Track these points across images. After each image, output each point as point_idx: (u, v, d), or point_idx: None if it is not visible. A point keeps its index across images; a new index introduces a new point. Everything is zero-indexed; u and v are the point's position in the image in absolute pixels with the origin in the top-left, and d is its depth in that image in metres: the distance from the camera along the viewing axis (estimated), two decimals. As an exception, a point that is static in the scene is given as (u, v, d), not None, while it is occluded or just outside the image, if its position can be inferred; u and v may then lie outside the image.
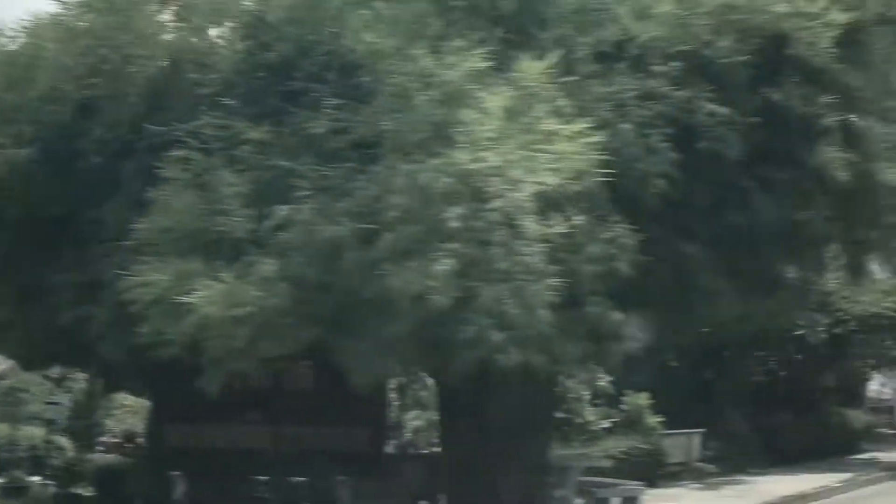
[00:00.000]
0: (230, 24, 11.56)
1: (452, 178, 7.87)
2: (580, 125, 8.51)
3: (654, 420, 19.23)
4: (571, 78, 9.62)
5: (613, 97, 10.36)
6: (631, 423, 19.35)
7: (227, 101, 10.26)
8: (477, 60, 8.66)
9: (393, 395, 20.22)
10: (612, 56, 10.79)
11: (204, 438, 14.36)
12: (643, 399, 19.34)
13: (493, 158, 7.89)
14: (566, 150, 8.08)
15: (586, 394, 20.13)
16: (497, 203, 7.90)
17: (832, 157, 10.75)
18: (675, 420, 21.02)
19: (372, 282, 8.14)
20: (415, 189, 7.99)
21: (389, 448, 19.65)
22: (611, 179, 9.94)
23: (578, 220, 9.64)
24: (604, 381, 19.90)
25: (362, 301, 8.36)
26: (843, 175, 10.73)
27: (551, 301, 8.35)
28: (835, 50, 11.09)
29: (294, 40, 10.67)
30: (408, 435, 20.36)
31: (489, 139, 7.96)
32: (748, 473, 20.82)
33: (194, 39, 11.57)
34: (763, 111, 11.04)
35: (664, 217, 11.08)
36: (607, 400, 20.12)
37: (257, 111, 10.28)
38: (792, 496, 18.05)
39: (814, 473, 20.89)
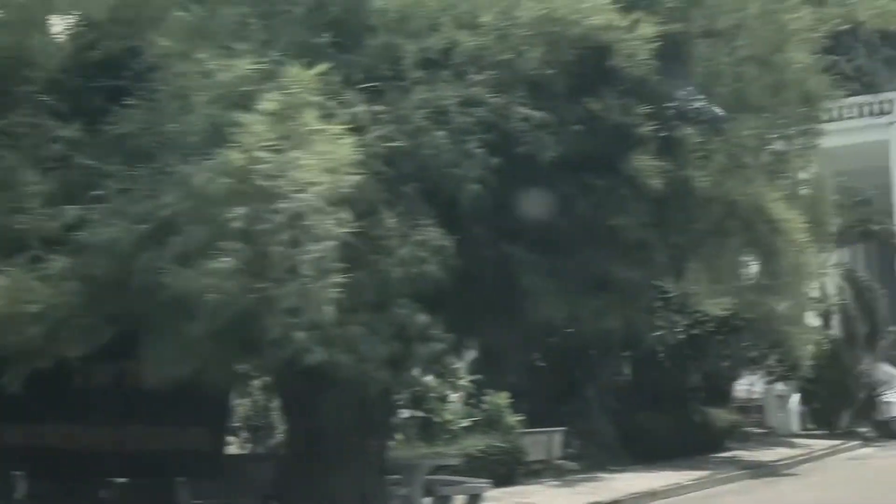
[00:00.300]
0: (61, 22, 11.54)
1: (230, 178, 8.02)
2: (341, 126, 8.71)
3: (513, 419, 19.59)
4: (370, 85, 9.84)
5: (433, 104, 10.65)
6: (491, 423, 19.67)
7: (45, 98, 10.22)
8: (254, 62, 8.79)
9: (261, 396, 20.36)
10: (437, 63, 11.08)
11: (44, 438, 14.21)
12: (503, 398, 19.69)
13: (269, 159, 8.06)
14: (334, 150, 8.27)
15: (453, 394, 20.55)
16: (282, 203, 8.06)
17: (647, 165, 11.17)
18: (543, 419, 21.51)
19: (165, 282, 8.24)
20: (193, 190, 8.14)
21: (260, 449, 19.82)
22: (424, 183, 10.31)
23: (391, 221, 9.94)
24: (465, 380, 20.35)
25: (160, 301, 8.46)
26: (657, 182, 11.16)
27: (338, 299, 8.52)
28: (655, 61, 11.56)
29: (120, 39, 10.73)
30: (280, 435, 20.45)
31: (266, 140, 8.12)
32: (608, 471, 21.27)
33: (24, 37, 11.48)
34: (584, 120, 11.46)
35: (489, 220, 11.45)
36: (474, 400, 20.53)
37: (77, 109, 10.30)
38: (643, 493, 18.52)
39: (673, 471, 21.39)
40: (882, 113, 42.81)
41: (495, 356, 24.12)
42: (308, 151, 8.01)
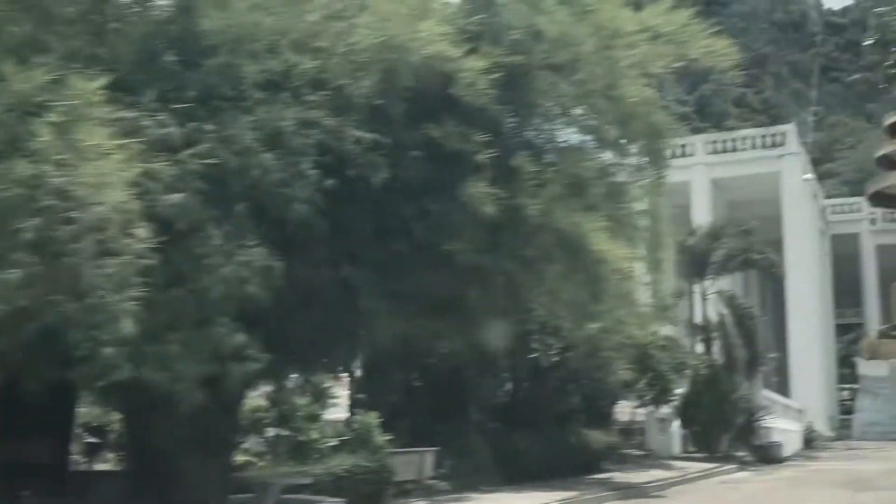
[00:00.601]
0: None
1: (19, 188, 8.05)
2: (125, 141, 8.80)
3: (382, 438, 19.65)
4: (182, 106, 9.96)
5: (271, 125, 10.80)
6: (362, 442, 19.72)
7: None
8: (50, 74, 8.81)
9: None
10: (277, 85, 11.25)
11: None
12: (372, 417, 19.75)
13: (56, 172, 8.11)
14: (119, 166, 8.37)
15: (322, 413, 20.63)
16: (81, 215, 8.11)
17: (482, 192, 11.46)
18: (421, 438, 21.66)
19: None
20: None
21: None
22: (254, 203, 10.45)
23: (216, 240, 10.04)
24: (338, 399, 20.47)
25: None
26: (490, 209, 11.46)
27: (154, 317, 8.60)
28: (498, 91, 11.93)
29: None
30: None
31: (54, 152, 8.18)
32: (480, 491, 21.41)
33: None
34: (424, 146, 11.74)
35: (329, 242, 11.62)
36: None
37: None
38: (504, 513, 18.75)
39: (542, 491, 21.59)
40: (774, 145, 44.32)
41: (378, 375, 24.42)
42: (93, 166, 8.06)
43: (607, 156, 13.75)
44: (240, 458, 18.95)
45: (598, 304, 12.23)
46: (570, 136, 13.49)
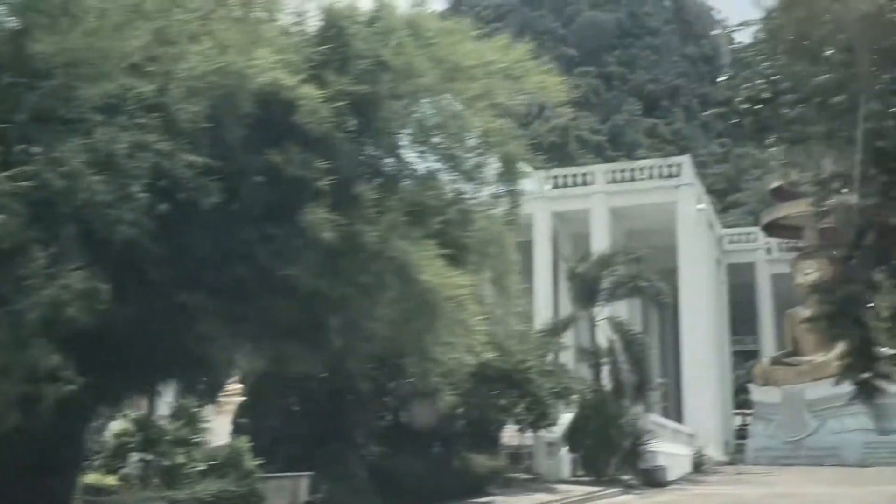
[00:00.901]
0: None
1: None
2: None
3: (252, 463, 19.59)
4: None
5: (108, 147, 10.81)
6: (233, 467, 19.62)
7: None
8: None
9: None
10: (115, 108, 11.27)
11: None
12: (243, 442, 19.70)
13: None
14: None
15: (195, 438, 20.47)
16: None
17: (320, 218, 11.61)
18: (299, 463, 21.63)
19: None
20: None
21: None
22: (82, 225, 10.45)
23: (38, 262, 10.00)
24: (210, 423, 20.38)
25: None
26: (329, 235, 11.61)
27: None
28: (346, 119, 12.14)
29: None
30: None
31: None
32: (356, 515, 21.50)
33: None
34: (265, 171, 11.85)
35: (167, 266, 11.63)
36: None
37: None
38: (375, 536, 18.81)
39: (420, 515, 21.77)
40: (671, 176, 45.41)
41: (258, 400, 24.33)
42: None
43: (463, 185, 14.02)
44: (109, 482, 18.76)
45: (431, 332, 12.41)
46: (426, 164, 13.72)
